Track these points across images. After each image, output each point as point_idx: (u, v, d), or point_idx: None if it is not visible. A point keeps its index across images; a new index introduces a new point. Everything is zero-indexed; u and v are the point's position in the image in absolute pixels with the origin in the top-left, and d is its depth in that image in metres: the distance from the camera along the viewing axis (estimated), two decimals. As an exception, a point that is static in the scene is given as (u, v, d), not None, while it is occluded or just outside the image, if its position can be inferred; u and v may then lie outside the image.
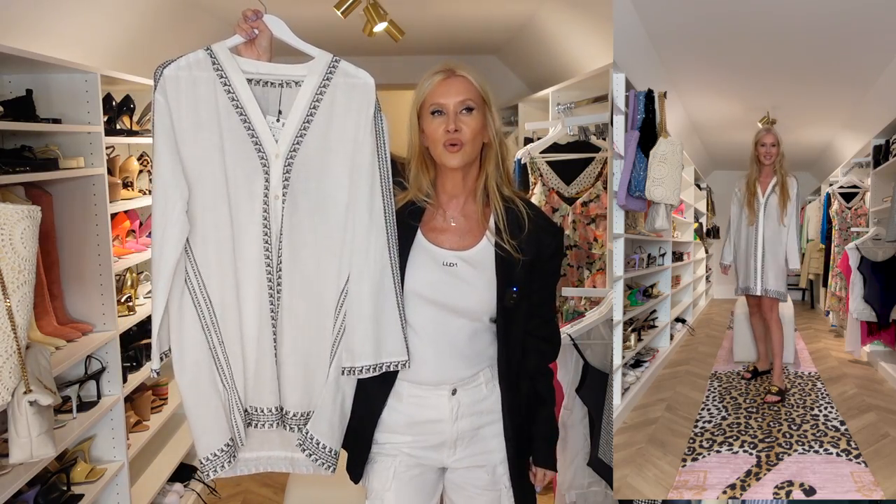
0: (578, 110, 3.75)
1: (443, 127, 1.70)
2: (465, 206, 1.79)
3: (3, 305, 1.94)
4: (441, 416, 1.78)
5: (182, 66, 1.64)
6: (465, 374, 1.78)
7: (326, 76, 1.67)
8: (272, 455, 1.82)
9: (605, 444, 1.85)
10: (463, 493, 1.85)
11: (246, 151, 1.66)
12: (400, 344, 1.71)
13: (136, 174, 3.47)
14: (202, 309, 1.70)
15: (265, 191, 1.67)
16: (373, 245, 1.67)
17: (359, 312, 1.68)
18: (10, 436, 2.03)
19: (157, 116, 1.64)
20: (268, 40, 1.70)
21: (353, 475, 1.84)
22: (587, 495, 2.55)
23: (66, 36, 3.03)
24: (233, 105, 1.65)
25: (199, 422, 1.74)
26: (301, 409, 1.75)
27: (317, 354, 1.73)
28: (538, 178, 3.47)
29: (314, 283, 1.71)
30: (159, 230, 1.65)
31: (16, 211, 1.96)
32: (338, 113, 1.67)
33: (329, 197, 1.69)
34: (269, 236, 1.68)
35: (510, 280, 1.74)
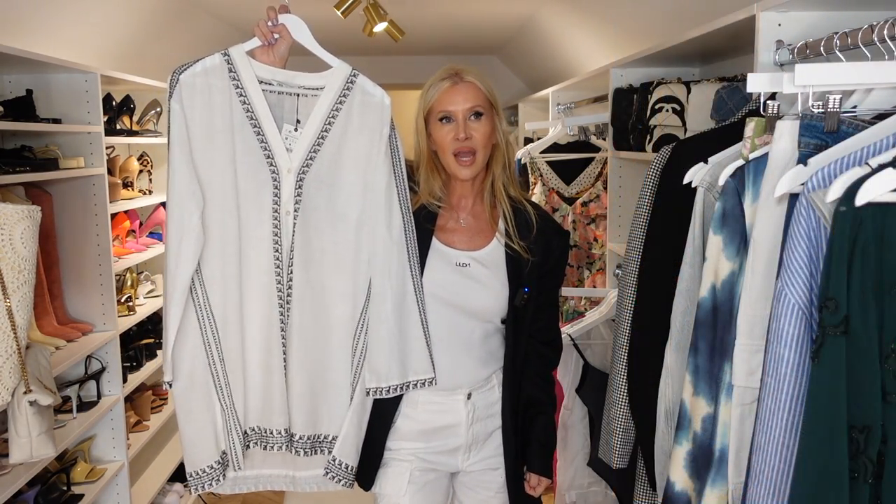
0: (578, 110, 3.75)
1: (452, 134, 1.70)
2: (474, 206, 1.79)
3: (3, 305, 1.94)
4: (457, 421, 1.77)
5: (198, 73, 1.59)
6: (479, 377, 1.78)
7: (343, 91, 1.63)
8: (273, 473, 1.78)
9: (605, 444, 1.84)
10: (475, 497, 1.84)
11: (258, 164, 1.62)
12: (426, 362, 1.70)
13: (136, 174, 3.47)
14: (205, 322, 1.66)
15: (275, 206, 1.63)
16: (394, 265, 1.64)
17: (383, 333, 1.65)
18: (10, 436, 2.04)
19: (173, 125, 1.59)
20: (287, 47, 1.64)
21: (363, 483, 1.81)
22: (587, 495, 2.55)
23: (66, 36, 3.03)
24: (247, 116, 1.61)
25: (189, 435, 1.70)
26: (307, 432, 1.71)
27: (324, 376, 1.69)
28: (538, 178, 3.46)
29: (326, 301, 1.67)
30: (175, 242, 1.61)
31: (16, 211, 1.96)
32: (353, 130, 1.64)
33: (341, 214, 1.65)
34: (280, 252, 1.64)
35: (521, 280, 1.75)
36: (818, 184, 1.06)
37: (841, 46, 1.32)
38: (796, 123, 1.19)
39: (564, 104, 3.78)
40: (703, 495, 1.31)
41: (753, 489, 1.14)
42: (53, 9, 2.80)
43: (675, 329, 1.47)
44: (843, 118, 1.17)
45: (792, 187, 1.13)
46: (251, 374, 1.68)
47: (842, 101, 1.17)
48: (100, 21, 3.19)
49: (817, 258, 1.06)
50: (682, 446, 1.35)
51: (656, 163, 1.65)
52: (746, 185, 1.27)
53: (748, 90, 1.30)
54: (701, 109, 2.16)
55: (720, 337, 1.30)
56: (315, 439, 1.71)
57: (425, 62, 5.76)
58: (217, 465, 1.71)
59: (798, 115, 1.20)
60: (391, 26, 3.61)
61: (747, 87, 1.29)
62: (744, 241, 1.27)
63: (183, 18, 3.87)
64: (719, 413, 1.28)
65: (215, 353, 1.68)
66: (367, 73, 1.68)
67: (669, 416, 1.49)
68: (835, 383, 1.01)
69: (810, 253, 1.07)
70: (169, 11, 3.65)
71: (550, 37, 4.48)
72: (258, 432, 1.73)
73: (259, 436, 1.73)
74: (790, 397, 1.09)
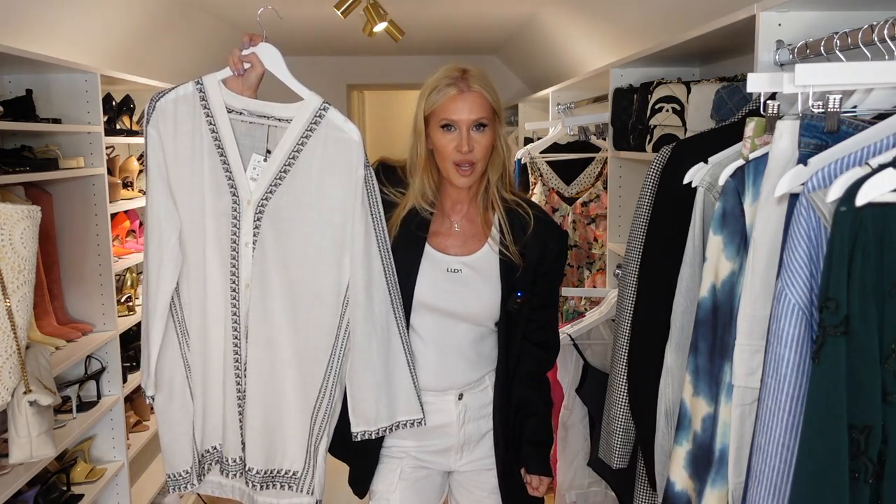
0: (578, 110, 3.74)
1: (454, 144, 1.67)
2: (468, 210, 1.78)
3: (3, 305, 1.94)
4: (448, 421, 1.77)
5: (171, 100, 1.60)
6: (471, 379, 1.77)
7: (311, 125, 1.59)
8: (236, 486, 1.76)
9: (605, 444, 1.84)
10: (470, 497, 1.84)
11: (221, 193, 1.61)
12: (414, 403, 1.69)
13: (136, 174, 3.47)
14: (181, 338, 1.67)
15: (234, 236, 1.62)
16: (376, 309, 1.62)
17: (370, 381, 1.64)
18: (10, 436, 2.03)
19: (150, 150, 1.61)
20: (257, 77, 1.62)
21: (358, 489, 1.81)
22: (587, 495, 2.55)
23: (66, 36, 3.03)
24: (215, 144, 1.60)
25: (167, 441, 1.72)
26: (262, 467, 1.68)
27: (279, 410, 1.66)
28: (538, 178, 3.46)
29: (282, 338, 1.64)
30: (155, 264, 1.63)
31: (16, 211, 1.96)
32: (318, 166, 1.60)
33: (300, 250, 1.62)
34: (236, 284, 1.63)
35: (514, 284, 1.73)
36: (818, 184, 1.06)
37: (841, 46, 1.32)
38: (796, 123, 1.19)
39: (564, 104, 3.77)
40: (703, 495, 1.30)
41: (753, 489, 1.14)
42: (53, 9, 2.80)
43: (675, 329, 1.46)
44: (843, 118, 1.16)
45: (792, 187, 1.13)
46: (211, 399, 1.69)
47: (842, 101, 1.16)
48: (100, 21, 3.19)
49: (817, 258, 1.06)
50: (682, 446, 1.35)
51: (656, 163, 1.65)
52: (746, 185, 1.26)
53: (748, 90, 1.30)
54: (701, 109, 2.15)
55: (720, 337, 1.30)
56: (268, 473, 1.69)
57: (425, 62, 5.75)
58: (192, 469, 1.72)
59: (798, 115, 1.20)
60: (391, 26, 3.61)
61: (747, 87, 1.29)
62: (744, 241, 1.26)
63: (183, 18, 3.87)
64: (719, 413, 1.28)
65: (188, 371, 1.69)
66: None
67: (669, 416, 1.49)
68: (835, 383, 1.01)
69: (810, 253, 1.07)
70: (169, 11, 3.65)
71: (550, 37, 4.48)
72: (216, 453, 1.73)
73: (218, 457, 1.73)
74: (790, 397, 1.09)
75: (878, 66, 1.16)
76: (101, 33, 3.28)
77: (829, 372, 1.01)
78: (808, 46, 1.41)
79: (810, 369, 1.05)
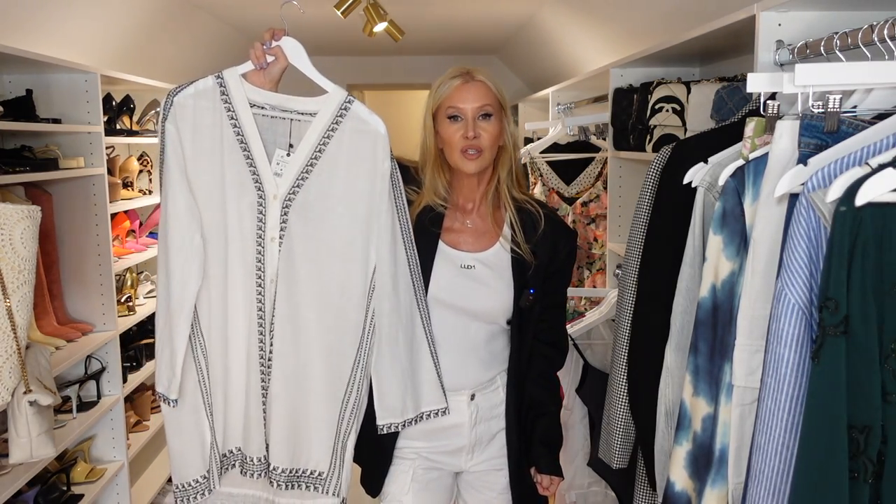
0: (578, 110, 3.74)
1: (461, 132, 1.69)
2: (479, 207, 1.78)
3: (3, 305, 1.94)
4: (460, 421, 1.77)
5: (190, 94, 1.57)
6: (483, 378, 1.78)
7: (336, 118, 1.59)
8: (253, 494, 1.73)
9: (605, 444, 1.84)
10: (479, 497, 1.84)
11: (245, 188, 1.59)
12: (438, 392, 1.70)
13: (136, 174, 3.47)
14: (195, 341, 1.64)
15: (260, 231, 1.59)
16: (402, 300, 1.63)
17: (398, 372, 1.64)
18: (10, 436, 2.04)
19: (168, 146, 1.58)
20: (280, 70, 1.61)
21: (371, 489, 1.81)
22: (587, 495, 2.54)
23: (66, 36, 3.03)
24: (237, 139, 1.58)
25: (177, 448, 1.68)
26: (285, 465, 1.66)
27: (306, 409, 1.64)
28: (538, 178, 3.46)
29: (309, 333, 1.62)
30: (177, 262, 1.59)
31: (16, 211, 1.96)
32: (344, 159, 1.59)
33: (327, 244, 1.61)
34: (262, 279, 1.60)
35: (526, 281, 1.74)
36: (818, 184, 1.06)
37: (841, 46, 1.32)
38: (796, 123, 1.19)
39: (564, 104, 3.78)
40: (703, 495, 1.30)
41: (753, 489, 1.14)
42: (53, 9, 2.80)
43: (675, 329, 1.47)
44: (843, 118, 1.16)
45: (792, 187, 1.13)
46: (233, 398, 1.65)
47: (842, 101, 1.16)
48: (100, 21, 3.19)
49: (817, 258, 1.06)
50: (682, 446, 1.35)
51: (656, 163, 1.65)
52: (746, 185, 1.26)
53: (748, 90, 1.30)
54: (701, 109, 2.15)
55: (720, 337, 1.30)
56: (293, 473, 1.67)
57: (425, 62, 5.75)
58: (203, 479, 1.69)
59: (798, 115, 1.20)
60: (391, 26, 3.61)
61: (747, 87, 1.29)
62: (744, 241, 1.26)
63: (183, 18, 3.87)
64: (719, 413, 1.28)
65: (204, 372, 1.66)
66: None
67: (669, 416, 1.49)
68: (835, 383, 1.01)
69: (810, 253, 1.07)
70: (169, 11, 3.65)
71: (550, 37, 4.48)
72: (237, 455, 1.70)
73: (239, 459, 1.70)
74: (790, 397, 1.09)
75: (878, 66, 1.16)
76: (101, 33, 3.28)
77: (828, 372, 1.01)
78: (808, 46, 1.41)
79: (810, 369, 1.05)
